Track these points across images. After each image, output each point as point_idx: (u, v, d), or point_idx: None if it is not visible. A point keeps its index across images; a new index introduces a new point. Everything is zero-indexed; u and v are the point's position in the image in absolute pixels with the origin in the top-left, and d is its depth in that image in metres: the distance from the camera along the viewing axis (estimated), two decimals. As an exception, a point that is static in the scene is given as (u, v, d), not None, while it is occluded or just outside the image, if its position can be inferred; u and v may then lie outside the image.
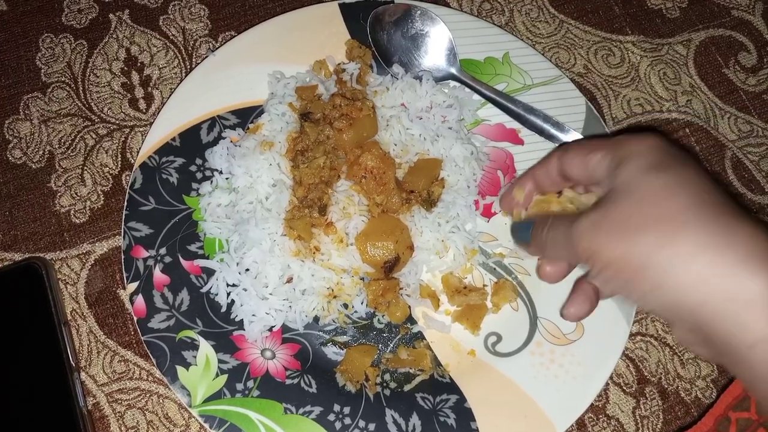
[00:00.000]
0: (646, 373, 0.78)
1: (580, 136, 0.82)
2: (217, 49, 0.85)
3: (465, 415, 0.72)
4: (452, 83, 0.87)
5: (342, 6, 0.88)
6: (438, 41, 0.87)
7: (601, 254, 0.53)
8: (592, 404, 0.76)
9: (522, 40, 0.90)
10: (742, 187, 0.87)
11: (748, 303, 0.46)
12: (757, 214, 0.86)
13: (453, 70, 0.86)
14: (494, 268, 0.80)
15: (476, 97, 0.86)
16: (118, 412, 0.73)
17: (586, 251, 0.54)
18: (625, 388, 0.78)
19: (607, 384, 0.78)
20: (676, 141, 0.90)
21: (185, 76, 0.83)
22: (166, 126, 0.80)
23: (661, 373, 0.78)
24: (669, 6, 0.98)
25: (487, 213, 0.83)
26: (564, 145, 0.68)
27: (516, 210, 0.72)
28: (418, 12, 0.86)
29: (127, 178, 0.83)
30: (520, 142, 0.86)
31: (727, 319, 0.47)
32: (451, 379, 0.75)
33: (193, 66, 0.88)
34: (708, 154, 0.89)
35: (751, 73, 0.94)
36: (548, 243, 0.61)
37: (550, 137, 0.83)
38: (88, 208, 0.82)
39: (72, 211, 0.82)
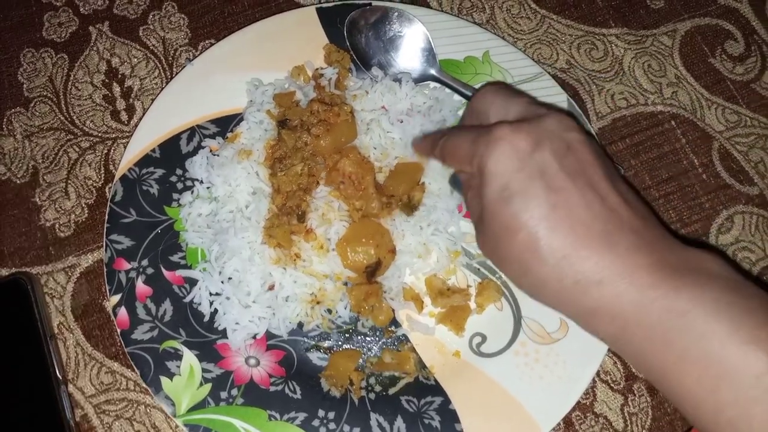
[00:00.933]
0: (633, 370, 0.78)
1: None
2: (195, 58, 0.85)
3: (450, 416, 0.72)
4: (432, 84, 0.86)
5: (319, 11, 0.88)
6: (416, 42, 0.86)
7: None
8: (579, 402, 0.76)
9: (502, 37, 0.90)
10: (730, 178, 0.86)
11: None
12: (747, 205, 0.85)
13: (433, 71, 0.86)
14: (478, 269, 0.80)
15: (457, 97, 0.86)
16: (106, 423, 0.74)
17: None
18: (612, 385, 0.77)
19: (594, 381, 0.77)
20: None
21: (164, 87, 0.83)
22: (146, 137, 0.80)
23: (649, 370, 0.77)
24: (653, -4, 0.97)
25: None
26: (448, 134, 0.63)
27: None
28: (395, 14, 0.86)
29: (111, 190, 0.83)
30: (502, 140, 0.85)
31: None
32: (436, 381, 0.75)
33: (174, 76, 0.88)
34: (695, 146, 0.88)
35: (738, 62, 0.93)
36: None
37: (531, 135, 0.83)
38: (72, 221, 0.83)
39: (57, 225, 0.83)
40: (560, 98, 0.84)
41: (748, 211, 0.85)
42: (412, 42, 0.86)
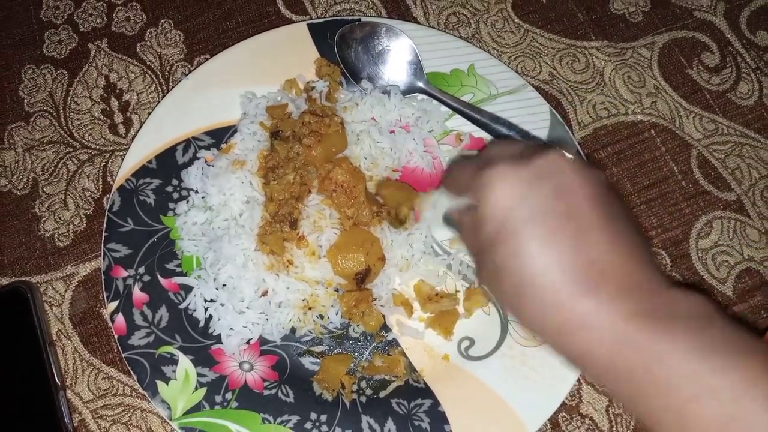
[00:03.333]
0: (617, 371, 0.80)
1: (546, 143, 0.84)
2: (190, 73, 0.88)
3: (439, 418, 0.74)
4: (420, 96, 0.89)
5: (310, 26, 0.91)
6: (404, 56, 0.89)
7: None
8: (565, 403, 0.78)
9: (487, 51, 0.93)
10: (708, 185, 0.89)
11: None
12: (725, 210, 0.88)
13: (420, 84, 0.89)
14: (466, 274, 0.82)
15: (444, 108, 0.89)
16: (103, 427, 0.76)
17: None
18: (598, 386, 0.79)
19: (579, 383, 0.79)
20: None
21: (161, 100, 0.86)
22: (143, 149, 0.83)
23: (633, 371, 0.80)
24: (632, 10, 1.00)
25: (457, 220, 0.85)
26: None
27: None
28: (383, 29, 0.89)
29: (108, 201, 0.85)
30: (488, 150, 0.88)
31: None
32: (425, 384, 0.77)
33: (170, 90, 0.91)
34: (674, 154, 0.91)
35: (714, 73, 0.96)
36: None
37: (516, 144, 0.85)
38: (71, 231, 0.85)
39: (56, 235, 0.85)
40: (543, 109, 0.87)
41: (726, 216, 0.88)
42: (400, 56, 0.89)
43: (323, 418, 0.74)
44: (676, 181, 0.89)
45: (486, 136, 0.88)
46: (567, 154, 0.54)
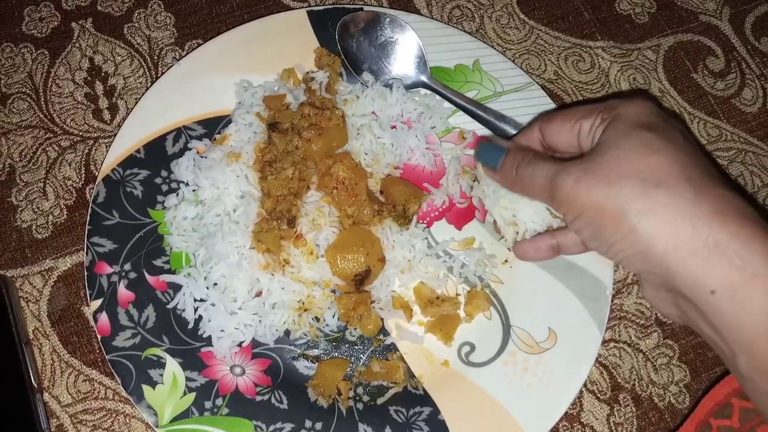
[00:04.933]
0: (619, 380, 0.78)
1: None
2: (182, 57, 0.83)
3: (439, 427, 0.72)
4: (423, 91, 0.86)
5: (310, 13, 0.87)
6: (407, 49, 0.86)
7: (580, 201, 0.55)
8: (566, 412, 0.76)
9: (492, 47, 0.90)
10: (711, 192, 0.88)
11: (711, 251, 0.49)
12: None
13: (423, 78, 0.86)
14: (467, 277, 0.80)
15: (447, 104, 0.86)
16: (83, 433, 0.71)
17: (566, 196, 0.56)
18: (599, 395, 0.78)
19: (581, 391, 0.77)
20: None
21: (151, 86, 0.81)
22: (130, 137, 0.78)
23: (635, 380, 0.78)
24: (638, 11, 0.98)
25: (458, 222, 0.82)
26: (545, 115, 0.68)
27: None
28: (387, 19, 0.86)
29: (92, 191, 0.80)
30: (492, 149, 0.85)
31: (692, 265, 0.50)
32: (424, 390, 0.74)
33: (159, 75, 0.86)
34: (678, 159, 0.89)
35: (719, 78, 0.95)
36: (523, 177, 0.62)
37: (521, 144, 0.83)
38: (50, 222, 0.80)
39: (34, 226, 0.79)
40: (549, 108, 0.85)
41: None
42: (403, 48, 0.86)
43: (318, 425, 0.71)
44: (680, 186, 0.88)
45: (490, 134, 0.85)
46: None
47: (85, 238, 0.73)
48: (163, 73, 0.83)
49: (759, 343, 0.49)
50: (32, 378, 0.71)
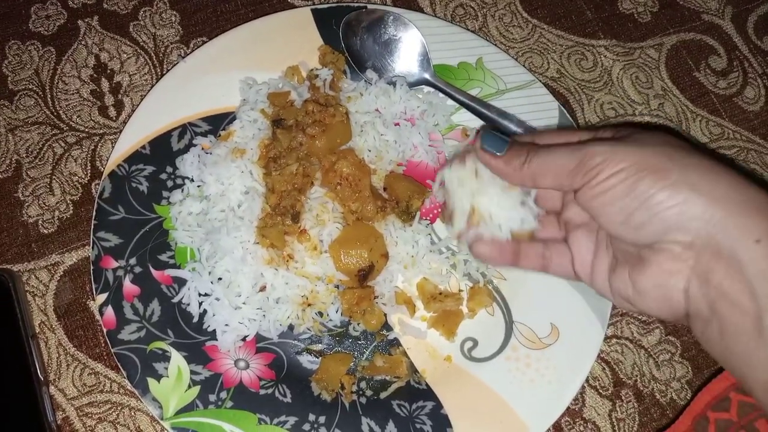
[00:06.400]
0: (621, 376, 0.78)
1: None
2: (188, 55, 0.84)
3: (441, 421, 0.72)
4: (426, 88, 0.87)
5: (314, 11, 0.87)
6: (411, 46, 0.86)
7: (618, 157, 0.53)
8: (568, 408, 0.76)
9: (495, 45, 0.90)
10: (713, 189, 0.88)
11: (757, 205, 0.50)
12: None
13: (427, 75, 0.86)
14: (469, 273, 0.80)
15: (450, 102, 0.86)
16: (89, 426, 0.72)
17: (602, 156, 0.54)
18: (601, 391, 0.78)
19: (583, 387, 0.78)
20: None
21: (156, 83, 0.82)
22: (136, 134, 0.79)
23: (637, 376, 0.78)
24: (641, 10, 0.99)
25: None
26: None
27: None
28: (391, 17, 0.86)
29: (97, 186, 0.81)
30: (495, 146, 0.86)
31: (736, 214, 0.50)
32: (427, 385, 0.75)
33: (164, 73, 0.87)
34: (680, 157, 0.90)
35: (721, 77, 0.95)
36: (540, 162, 0.59)
37: (524, 142, 0.83)
38: (56, 218, 0.80)
39: (40, 221, 0.80)
40: (552, 106, 0.85)
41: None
42: (407, 46, 0.87)
43: (322, 419, 0.71)
44: (682, 184, 0.88)
45: (493, 132, 0.86)
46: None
47: (91, 233, 0.74)
48: (168, 71, 0.83)
49: None
50: (38, 371, 0.71)
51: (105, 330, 0.70)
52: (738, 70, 0.96)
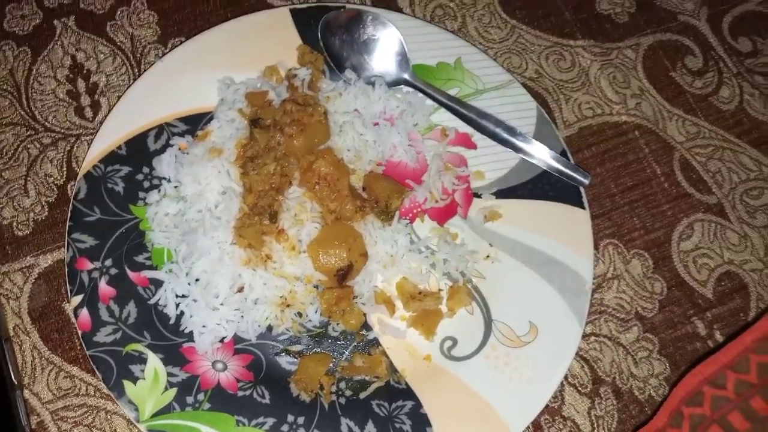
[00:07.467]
0: (600, 373, 0.79)
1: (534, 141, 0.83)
2: (165, 55, 0.83)
3: (421, 420, 0.72)
4: (405, 88, 0.87)
5: (293, 11, 0.87)
6: (390, 46, 0.87)
7: None
8: (547, 406, 0.76)
9: (474, 45, 0.91)
10: (690, 188, 0.89)
11: None
12: (706, 213, 0.88)
13: (405, 75, 0.86)
14: (449, 273, 0.80)
15: (429, 102, 0.87)
16: (64, 430, 0.71)
17: None
18: (580, 388, 0.78)
19: (562, 385, 0.78)
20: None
21: (133, 83, 0.81)
22: (112, 134, 0.78)
23: (615, 373, 0.79)
24: (618, 11, 1.00)
25: (440, 217, 0.83)
26: None
27: None
28: (370, 17, 0.86)
29: (73, 188, 0.80)
30: (473, 146, 0.86)
31: None
32: (407, 385, 0.75)
33: (142, 73, 0.86)
34: (657, 156, 0.91)
35: (697, 76, 0.97)
36: None
37: (502, 141, 0.84)
38: (31, 219, 0.79)
39: (14, 223, 0.79)
40: (530, 106, 0.86)
41: (707, 219, 0.88)
42: (385, 46, 0.87)
43: (300, 420, 0.71)
44: (658, 182, 0.89)
45: (471, 132, 0.86)
46: None
47: (66, 235, 0.73)
48: (145, 71, 0.83)
49: None
50: (12, 375, 0.70)
51: (80, 332, 0.70)
52: (713, 70, 0.97)
